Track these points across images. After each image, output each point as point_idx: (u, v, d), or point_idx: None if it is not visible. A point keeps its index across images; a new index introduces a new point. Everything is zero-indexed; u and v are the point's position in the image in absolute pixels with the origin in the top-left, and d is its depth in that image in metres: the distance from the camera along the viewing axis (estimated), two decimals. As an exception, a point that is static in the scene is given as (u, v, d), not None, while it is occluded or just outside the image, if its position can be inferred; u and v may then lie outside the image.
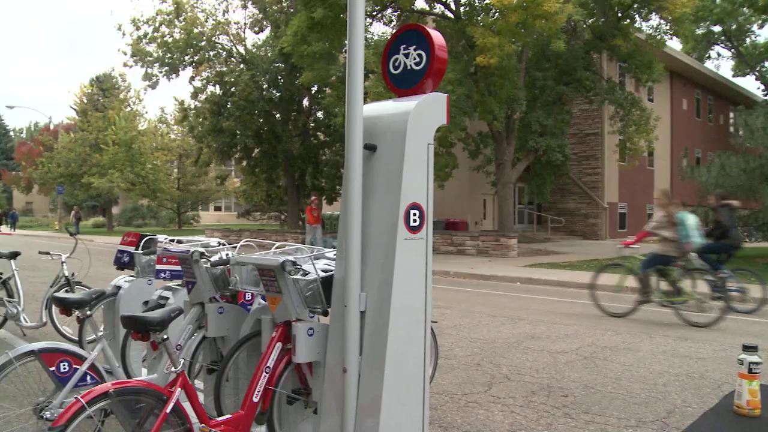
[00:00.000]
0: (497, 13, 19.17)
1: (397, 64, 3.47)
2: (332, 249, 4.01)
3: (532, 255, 21.18)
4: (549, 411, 5.11)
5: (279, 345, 3.60)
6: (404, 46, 3.43)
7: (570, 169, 27.65)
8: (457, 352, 7.17)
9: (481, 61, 18.16)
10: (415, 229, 3.22)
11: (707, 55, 43.99)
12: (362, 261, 3.24)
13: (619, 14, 22.42)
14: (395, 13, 23.87)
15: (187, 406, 3.34)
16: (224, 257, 4.12)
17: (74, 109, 52.10)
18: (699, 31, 39.00)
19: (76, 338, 6.41)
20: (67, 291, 7.59)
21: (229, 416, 3.55)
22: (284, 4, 29.70)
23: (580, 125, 29.83)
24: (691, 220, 9.58)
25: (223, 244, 4.68)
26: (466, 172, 26.53)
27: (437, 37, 3.33)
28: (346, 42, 3.28)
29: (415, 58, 3.37)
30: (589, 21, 23.07)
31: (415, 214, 3.21)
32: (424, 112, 3.26)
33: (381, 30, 25.95)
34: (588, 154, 30.12)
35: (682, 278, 9.63)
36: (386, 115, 3.35)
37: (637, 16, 22.77)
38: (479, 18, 20.57)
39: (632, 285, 10.29)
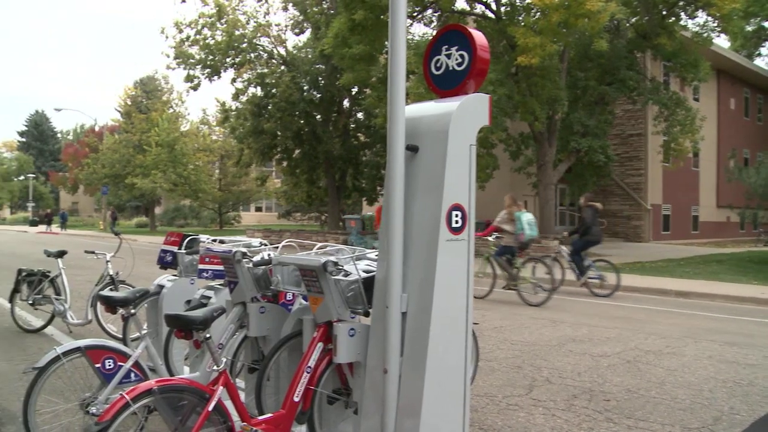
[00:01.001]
0: (538, 13, 18.98)
1: (438, 64, 3.45)
2: (373, 250, 4.00)
3: (574, 257, 20.90)
4: (591, 415, 5.04)
5: (320, 345, 3.61)
6: (446, 46, 3.42)
7: (612, 170, 27.20)
8: (497, 354, 7.11)
9: (522, 61, 18.00)
10: (457, 230, 3.20)
11: (757, 52, 43.02)
12: (404, 262, 3.24)
13: (664, 12, 22.00)
14: (435, 14, 23.80)
15: (228, 405, 3.36)
16: (266, 257, 4.15)
17: (118, 111, 53.22)
18: (749, 28, 38.11)
19: (120, 336, 6.53)
20: (111, 289, 7.72)
21: (270, 415, 3.57)
22: (324, 6, 29.84)
23: (622, 126, 29.38)
24: (525, 217, 12.00)
25: (265, 245, 4.71)
26: (507, 173, 26.30)
27: (479, 37, 3.31)
28: (387, 43, 3.28)
29: (457, 59, 3.35)
30: (633, 19, 22.68)
31: (457, 216, 3.19)
32: (467, 113, 3.24)
33: (421, 31, 26.02)
34: (631, 155, 29.64)
35: (523, 266, 11.82)
36: (428, 116, 3.34)
37: (682, 13, 22.29)
38: (520, 18, 20.39)
39: (487, 271, 12.24)
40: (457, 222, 3.20)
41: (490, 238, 12.51)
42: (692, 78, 23.06)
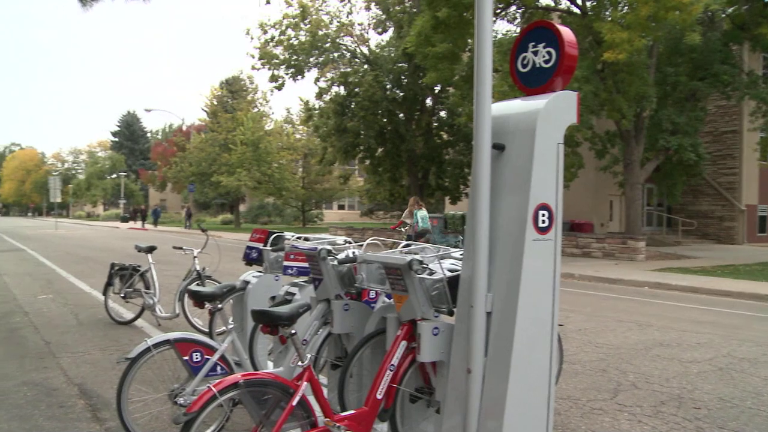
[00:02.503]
0: (626, 7, 18.43)
1: (525, 62, 3.41)
2: (457, 249, 3.98)
3: (662, 259, 20.31)
4: (680, 423, 4.87)
5: (404, 343, 3.62)
6: (533, 43, 3.37)
7: (704, 169, 26.24)
8: (581, 357, 6.97)
9: (609, 58, 17.52)
10: (543, 230, 3.15)
11: None
12: (489, 261, 3.20)
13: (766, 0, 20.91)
14: (519, 10, 23.47)
15: (311, 400, 3.40)
16: (351, 255, 4.18)
17: (205, 111, 54.60)
18: None
19: (206, 330, 6.71)
20: (198, 284, 7.94)
21: (352, 412, 3.60)
22: (407, 5, 29.85)
23: (715, 122, 28.29)
24: (420, 214, 17.33)
25: (349, 242, 4.75)
26: (592, 172, 25.74)
27: (567, 33, 3.25)
28: (470, 41, 3.27)
29: (544, 56, 3.30)
30: (729, 10, 21.69)
31: (543, 215, 3.15)
32: (554, 111, 3.19)
33: (505, 28, 25.49)
34: (724, 153, 28.51)
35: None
36: (515, 114, 3.30)
37: (789, -1, 21.05)
38: (607, 12, 19.84)
39: None
40: (543, 222, 3.16)
41: (402, 229, 16.92)
42: (797, 70, 21.85)
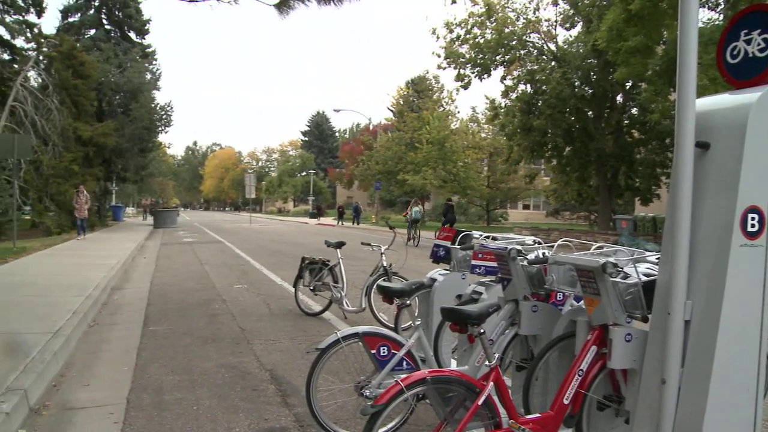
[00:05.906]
0: None
1: (735, 52, 3.17)
2: (652, 252, 3.79)
3: None
4: None
5: (594, 348, 3.51)
6: (746, 31, 3.13)
7: None
8: (791, 376, 6.34)
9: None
10: (752, 235, 2.93)
11: None
12: (689, 267, 3.03)
13: None
14: (723, -3, 21.85)
15: (496, 401, 3.38)
16: (541, 256, 4.11)
17: (391, 111, 56.05)
18: None
19: (392, 325, 6.87)
20: (384, 280, 8.15)
21: (538, 415, 3.54)
22: (596, -2, 28.81)
23: None
24: (414, 209, 27.53)
25: (539, 243, 4.66)
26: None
27: (791, 16, 2.98)
28: (666, 33, 3.06)
29: (759, 44, 3.06)
30: None
31: (753, 219, 2.93)
32: (769, 105, 2.94)
33: (705, 16, 23.53)
34: None
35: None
36: (722, 110, 3.09)
37: None
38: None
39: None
40: (753, 226, 2.93)
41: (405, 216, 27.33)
42: None
